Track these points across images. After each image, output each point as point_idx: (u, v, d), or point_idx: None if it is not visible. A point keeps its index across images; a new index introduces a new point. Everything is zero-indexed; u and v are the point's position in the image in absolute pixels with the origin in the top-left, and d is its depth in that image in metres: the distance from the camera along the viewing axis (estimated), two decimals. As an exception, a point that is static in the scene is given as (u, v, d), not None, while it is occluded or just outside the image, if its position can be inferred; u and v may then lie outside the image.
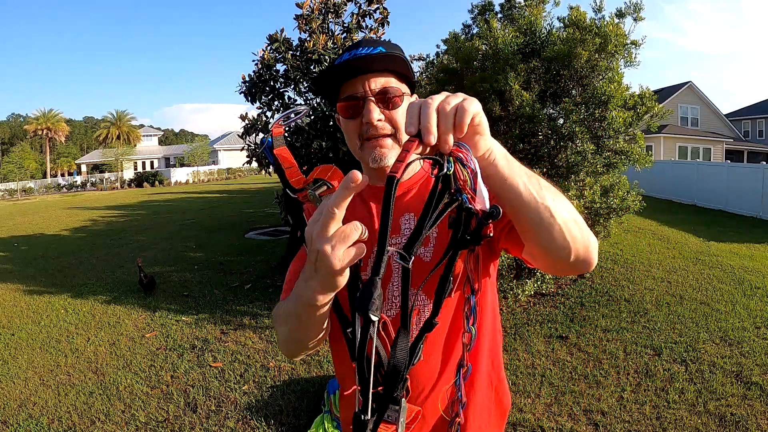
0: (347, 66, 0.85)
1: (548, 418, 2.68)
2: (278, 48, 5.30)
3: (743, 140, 25.16)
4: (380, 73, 0.86)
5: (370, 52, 0.85)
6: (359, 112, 0.86)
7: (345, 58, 0.86)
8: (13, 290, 5.59)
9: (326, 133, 5.09)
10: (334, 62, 0.89)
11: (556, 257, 0.69)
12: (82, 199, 21.42)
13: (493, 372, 0.89)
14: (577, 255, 0.69)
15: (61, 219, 12.73)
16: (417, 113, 0.56)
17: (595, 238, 0.72)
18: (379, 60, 0.85)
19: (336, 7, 5.60)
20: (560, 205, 0.67)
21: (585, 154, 3.79)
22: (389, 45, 0.90)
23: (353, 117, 0.87)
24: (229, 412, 2.86)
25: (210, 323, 4.29)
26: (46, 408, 2.98)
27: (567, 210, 0.68)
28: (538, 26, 4.11)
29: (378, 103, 0.85)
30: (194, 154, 37.42)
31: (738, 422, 2.59)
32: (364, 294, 0.50)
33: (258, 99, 5.49)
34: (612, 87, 3.77)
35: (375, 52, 0.85)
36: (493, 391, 0.88)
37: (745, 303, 4.40)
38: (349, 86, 0.87)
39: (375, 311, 0.50)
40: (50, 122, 42.07)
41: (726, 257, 6.06)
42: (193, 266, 6.35)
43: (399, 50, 0.91)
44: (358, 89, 0.85)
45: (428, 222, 0.56)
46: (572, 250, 0.68)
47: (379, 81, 0.86)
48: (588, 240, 0.70)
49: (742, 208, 10.12)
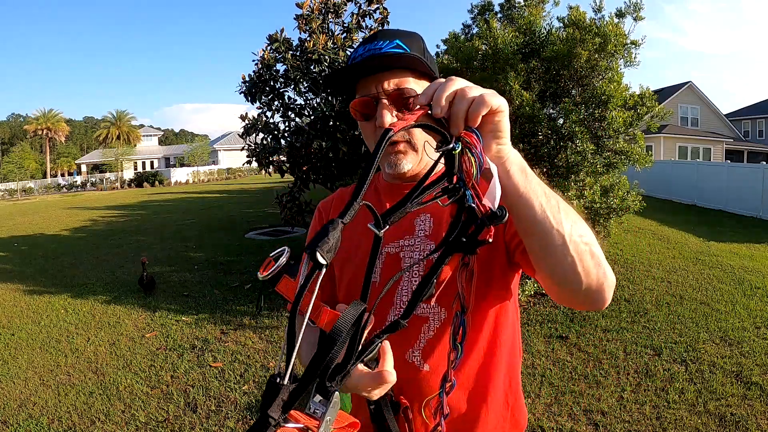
0: (360, 63, 0.79)
1: (548, 418, 2.68)
2: (278, 48, 5.30)
3: (743, 140, 25.15)
4: (395, 71, 0.79)
5: (385, 48, 0.79)
6: (373, 113, 0.80)
7: (359, 54, 0.81)
8: (13, 290, 5.59)
9: (326, 133, 5.09)
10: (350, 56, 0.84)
11: (563, 288, 0.64)
12: (82, 199, 21.42)
13: (510, 391, 0.85)
14: (588, 291, 0.62)
15: (61, 219, 12.73)
16: (434, 88, 0.53)
17: (612, 276, 0.64)
18: (393, 57, 0.78)
19: (336, 7, 5.60)
20: (577, 233, 0.60)
21: (585, 154, 3.79)
22: (407, 37, 0.82)
23: (367, 119, 0.82)
24: (229, 412, 2.86)
25: (210, 323, 4.29)
26: (46, 408, 2.98)
27: (585, 239, 0.61)
28: (537, 26, 4.11)
29: (392, 104, 0.79)
30: (194, 154, 37.43)
31: (738, 422, 2.59)
32: (320, 233, 0.42)
33: (258, 99, 5.49)
34: (612, 87, 3.77)
35: (390, 48, 0.79)
36: (509, 410, 0.85)
37: (745, 303, 4.40)
38: (363, 85, 0.81)
39: (326, 253, 0.41)
40: (50, 122, 42.10)
41: (726, 257, 6.06)
42: (193, 266, 6.35)
43: (418, 42, 0.84)
44: (371, 89, 0.80)
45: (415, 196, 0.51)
46: (583, 284, 0.61)
47: (394, 80, 0.79)
48: (604, 276, 0.62)
49: (742, 208, 10.12)
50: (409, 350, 0.79)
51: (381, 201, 0.89)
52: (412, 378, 0.79)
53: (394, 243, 0.84)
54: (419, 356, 0.79)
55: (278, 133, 5.57)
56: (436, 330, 0.78)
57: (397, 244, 0.84)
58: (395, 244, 0.84)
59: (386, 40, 0.80)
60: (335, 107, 4.93)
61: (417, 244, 0.83)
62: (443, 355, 0.77)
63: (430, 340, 0.78)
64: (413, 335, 0.79)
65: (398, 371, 0.80)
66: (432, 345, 0.78)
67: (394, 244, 0.84)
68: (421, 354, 0.79)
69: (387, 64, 0.78)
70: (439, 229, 0.83)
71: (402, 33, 0.82)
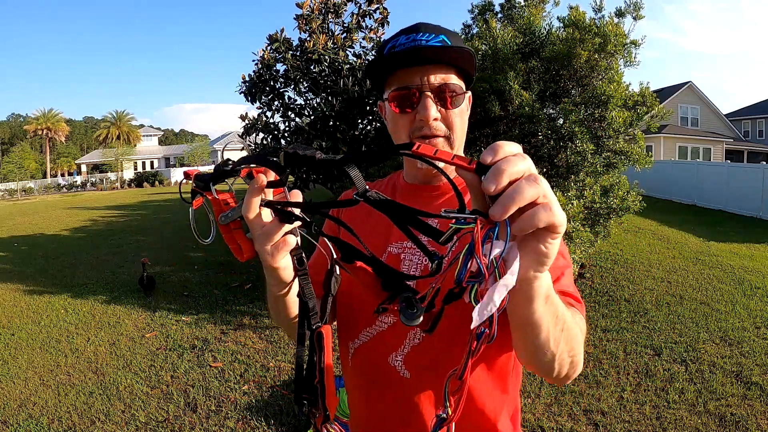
0: (408, 53, 0.75)
1: (548, 418, 2.68)
2: (278, 48, 5.31)
3: (743, 140, 25.15)
4: (441, 65, 0.77)
5: (431, 41, 0.76)
6: (413, 106, 0.77)
7: (401, 43, 0.77)
8: (13, 290, 5.59)
9: (326, 133, 5.09)
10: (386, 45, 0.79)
11: (530, 368, 0.65)
12: (82, 199, 21.42)
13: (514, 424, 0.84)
14: (556, 380, 0.65)
15: (61, 219, 12.72)
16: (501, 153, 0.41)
17: (581, 366, 0.67)
18: (444, 52, 0.76)
19: (336, 7, 5.61)
20: (568, 349, 0.60)
21: (585, 155, 3.78)
22: (452, 35, 0.79)
23: (403, 111, 0.78)
24: (229, 412, 2.86)
25: (210, 323, 4.29)
26: (46, 408, 2.98)
27: (572, 353, 0.61)
28: (537, 26, 4.11)
29: (436, 98, 0.77)
30: (194, 154, 37.41)
31: (738, 422, 2.59)
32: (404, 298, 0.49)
33: (258, 99, 5.50)
34: (612, 87, 3.77)
35: (436, 42, 0.76)
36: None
37: (745, 303, 4.40)
38: (404, 75, 0.78)
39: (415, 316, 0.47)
40: (50, 122, 42.08)
41: (726, 257, 6.06)
42: (193, 266, 6.35)
43: (460, 41, 0.80)
44: (415, 80, 0.76)
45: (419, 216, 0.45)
46: (552, 376, 0.63)
47: (440, 75, 0.77)
48: (573, 372, 0.65)
49: (742, 208, 10.12)
50: (392, 354, 0.78)
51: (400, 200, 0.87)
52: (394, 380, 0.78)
53: (397, 243, 0.82)
54: (401, 362, 0.77)
55: (278, 133, 5.58)
56: (423, 338, 0.76)
57: (400, 245, 0.82)
58: (398, 245, 0.82)
59: (431, 34, 0.76)
60: (335, 107, 4.94)
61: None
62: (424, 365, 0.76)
63: (415, 347, 0.77)
64: (399, 340, 0.78)
65: (379, 374, 0.79)
66: (416, 353, 0.77)
67: (397, 244, 0.82)
68: (403, 360, 0.77)
69: (434, 57, 0.75)
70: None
71: (445, 29, 0.79)
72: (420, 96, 0.76)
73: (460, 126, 0.80)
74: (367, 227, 0.81)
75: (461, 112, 0.80)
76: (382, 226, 0.82)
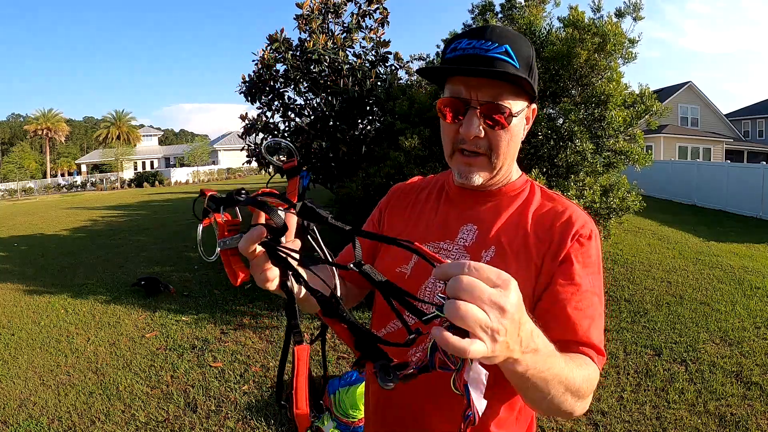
0: (461, 59, 0.72)
1: (548, 418, 2.68)
2: (278, 48, 5.31)
3: (743, 140, 25.15)
4: (495, 80, 0.72)
5: (492, 51, 0.70)
6: (459, 117, 0.75)
7: (462, 47, 0.73)
8: (13, 290, 5.59)
9: (326, 133, 5.09)
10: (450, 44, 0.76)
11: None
12: (82, 199, 21.42)
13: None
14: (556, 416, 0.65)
15: (61, 219, 12.72)
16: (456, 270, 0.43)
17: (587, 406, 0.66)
18: (497, 66, 0.70)
19: (336, 7, 5.61)
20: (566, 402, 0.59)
21: (584, 154, 3.79)
22: (518, 42, 0.73)
23: (451, 121, 0.76)
24: (229, 412, 2.86)
25: (210, 323, 4.29)
26: (46, 408, 2.98)
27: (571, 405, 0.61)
28: (537, 26, 4.11)
29: (483, 114, 0.73)
30: (194, 154, 37.41)
31: (738, 422, 2.59)
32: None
33: (258, 99, 5.50)
34: (611, 86, 3.78)
35: (497, 52, 0.70)
36: None
37: (745, 303, 4.40)
38: (457, 83, 0.74)
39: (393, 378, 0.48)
40: (50, 122, 42.09)
41: (726, 257, 6.06)
42: (193, 266, 6.35)
43: (527, 51, 0.74)
44: (465, 92, 0.73)
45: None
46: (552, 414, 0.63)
47: (491, 91, 0.72)
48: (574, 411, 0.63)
49: (742, 208, 10.12)
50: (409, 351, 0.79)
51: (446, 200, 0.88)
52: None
53: (434, 243, 0.83)
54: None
55: (278, 133, 5.58)
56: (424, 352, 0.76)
57: (436, 245, 0.82)
58: (435, 244, 0.83)
59: (494, 42, 0.71)
60: (335, 107, 4.94)
61: (453, 251, 0.81)
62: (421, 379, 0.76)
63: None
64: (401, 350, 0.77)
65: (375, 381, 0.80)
66: None
67: (434, 243, 0.83)
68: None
69: (488, 70, 0.70)
70: (480, 244, 0.80)
71: (512, 36, 0.73)
72: (466, 109, 0.73)
73: (505, 146, 0.76)
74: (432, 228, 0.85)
75: (510, 132, 0.76)
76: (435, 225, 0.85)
